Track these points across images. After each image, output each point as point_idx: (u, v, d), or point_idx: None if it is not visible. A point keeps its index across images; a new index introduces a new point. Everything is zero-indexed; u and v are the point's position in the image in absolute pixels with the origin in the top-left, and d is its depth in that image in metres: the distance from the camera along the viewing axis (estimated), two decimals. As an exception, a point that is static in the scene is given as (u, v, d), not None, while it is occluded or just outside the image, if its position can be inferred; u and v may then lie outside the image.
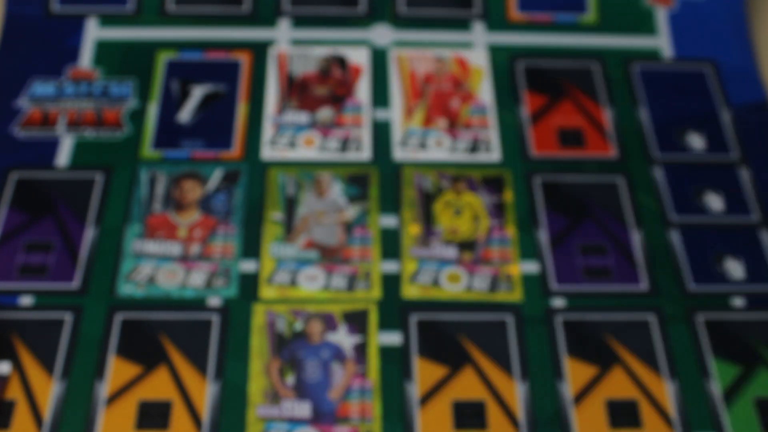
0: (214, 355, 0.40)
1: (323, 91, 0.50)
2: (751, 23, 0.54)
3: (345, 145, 0.48)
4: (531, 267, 0.44)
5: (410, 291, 0.43)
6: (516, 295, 0.43)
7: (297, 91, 0.50)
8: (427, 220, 0.45)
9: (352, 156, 0.48)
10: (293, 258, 0.44)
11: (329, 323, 0.41)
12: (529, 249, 0.44)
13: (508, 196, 0.46)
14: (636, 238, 0.45)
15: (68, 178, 0.46)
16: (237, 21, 0.53)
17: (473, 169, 0.47)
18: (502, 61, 0.52)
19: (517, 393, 0.40)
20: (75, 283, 0.42)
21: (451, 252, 0.44)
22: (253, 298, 0.42)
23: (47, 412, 0.38)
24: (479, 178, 0.47)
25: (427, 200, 0.46)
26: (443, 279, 0.43)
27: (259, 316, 0.41)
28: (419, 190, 0.46)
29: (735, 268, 0.44)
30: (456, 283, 0.43)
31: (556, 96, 0.51)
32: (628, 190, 0.47)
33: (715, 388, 0.40)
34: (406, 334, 0.41)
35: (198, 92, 0.50)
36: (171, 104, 0.49)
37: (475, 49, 0.52)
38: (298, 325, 0.41)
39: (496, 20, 0.53)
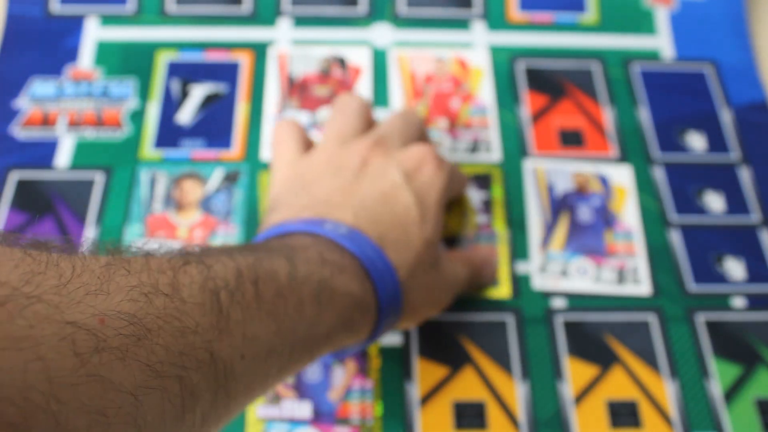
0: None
1: (324, 91, 0.50)
2: (751, 23, 0.54)
3: (345, 145, 0.48)
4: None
5: (410, 291, 0.43)
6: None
7: (297, 91, 0.50)
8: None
9: (352, 156, 0.47)
10: (293, 258, 0.43)
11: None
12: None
13: (497, 192, 0.46)
14: (636, 238, 0.45)
15: (68, 178, 0.46)
16: (237, 21, 0.53)
17: (470, 168, 0.47)
18: (503, 61, 0.52)
19: (517, 393, 0.40)
20: (75, 283, 0.42)
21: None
22: (254, 298, 0.42)
23: (47, 412, 0.38)
24: (470, 174, 0.47)
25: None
26: (443, 279, 0.43)
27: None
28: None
29: (735, 268, 0.44)
30: (456, 283, 0.43)
31: (557, 96, 0.50)
32: (628, 190, 0.47)
33: (716, 388, 0.40)
34: (406, 334, 0.41)
35: (198, 92, 0.50)
36: (171, 104, 0.49)
37: (475, 49, 0.52)
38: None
39: (497, 20, 0.53)
